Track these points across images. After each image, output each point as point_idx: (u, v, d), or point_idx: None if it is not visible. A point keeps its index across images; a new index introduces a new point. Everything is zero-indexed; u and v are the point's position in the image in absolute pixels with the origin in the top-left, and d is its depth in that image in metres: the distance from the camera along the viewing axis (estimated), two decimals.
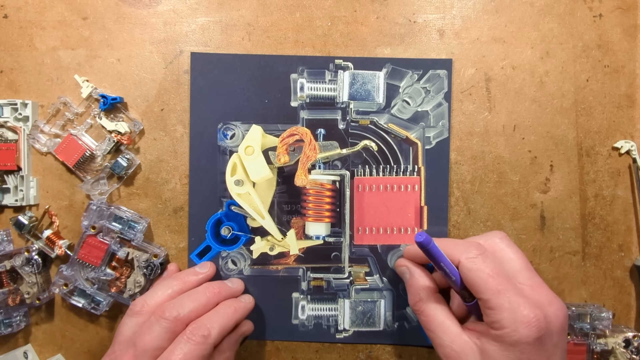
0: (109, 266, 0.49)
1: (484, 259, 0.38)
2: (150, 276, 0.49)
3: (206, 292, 0.45)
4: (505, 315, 0.36)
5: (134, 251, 0.49)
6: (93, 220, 0.49)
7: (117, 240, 0.49)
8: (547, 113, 0.51)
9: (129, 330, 0.43)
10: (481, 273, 0.38)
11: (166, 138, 0.51)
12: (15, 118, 0.50)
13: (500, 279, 0.37)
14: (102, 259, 0.48)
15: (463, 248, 0.40)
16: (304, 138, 0.49)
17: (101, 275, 0.49)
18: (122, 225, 0.49)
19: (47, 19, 0.51)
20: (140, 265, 0.48)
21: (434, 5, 0.51)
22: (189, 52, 0.51)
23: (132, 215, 0.49)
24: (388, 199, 0.50)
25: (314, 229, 0.49)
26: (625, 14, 0.51)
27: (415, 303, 0.43)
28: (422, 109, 0.50)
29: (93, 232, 0.48)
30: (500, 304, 0.36)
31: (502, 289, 0.37)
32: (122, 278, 0.49)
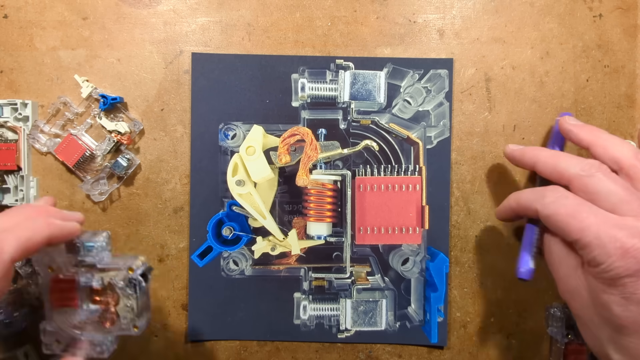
0: (90, 301, 0.41)
1: (560, 200, 0.37)
2: (138, 294, 0.40)
3: (28, 208, 0.39)
4: (597, 252, 0.34)
5: (107, 274, 0.40)
6: (46, 260, 0.40)
7: (83, 270, 0.40)
8: (547, 113, 0.51)
9: None
10: (559, 216, 0.36)
11: (166, 138, 0.51)
12: (15, 118, 0.50)
13: (583, 215, 0.35)
14: (78, 298, 0.40)
15: (539, 195, 0.38)
16: (305, 138, 0.49)
17: (86, 315, 0.40)
18: (79, 251, 0.40)
19: (47, 19, 0.51)
20: (122, 287, 0.40)
21: (434, 5, 0.51)
22: (189, 52, 0.51)
23: (85, 236, 0.40)
24: (389, 199, 0.50)
25: (316, 228, 0.49)
26: (625, 14, 0.51)
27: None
28: (423, 109, 0.51)
29: (52, 273, 0.40)
30: (589, 242, 0.34)
31: (586, 225, 0.35)
32: (111, 308, 0.40)
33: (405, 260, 0.51)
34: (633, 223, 0.34)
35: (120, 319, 0.40)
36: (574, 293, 0.38)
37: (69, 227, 0.38)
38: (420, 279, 0.51)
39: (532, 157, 0.42)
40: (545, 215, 0.37)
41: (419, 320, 0.51)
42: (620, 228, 0.34)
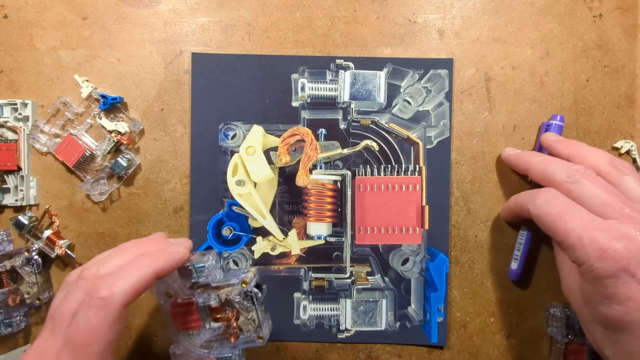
0: (212, 320, 0.42)
1: (550, 202, 0.39)
2: (256, 305, 0.41)
3: (134, 246, 0.39)
4: (579, 253, 0.36)
5: (223, 291, 0.41)
6: (162, 288, 0.41)
7: (199, 291, 0.41)
8: (547, 113, 0.51)
9: (56, 302, 0.37)
10: (548, 217, 0.38)
11: (166, 138, 0.51)
12: (15, 118, 0.50)
13: (569, 217, 0.37)
14: (199, 319, 0.41)
15: (532, 196, 0.41)
16: (305, 138, 0.49)
17: (210, 333, 0.42)
18: (191, 274, 0.41)
19: (47, 19, 0.51)
20: (239, 302, 0.41)
21: (434, 5, 0.51)
22: (189, 52, 0.51)
23: (195, 259, 0.41)
24: (389, 199, 0.50)
25: (316, 228, 0.49)
26: (625, 14, 0.51)
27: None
28: (423, 109, 0.51)
29: (170, 298, 0.41)
30: (572, 243, 0.36)
31: (571, 227, 0.36)
32: (232, 323, 0.42)
33: (405, 260, 0.51)
34: (615, 226, 0.36)
35: (243, 332, 0.41)
36: (571, 291, 0.40)
37: (174, 257, 0.38)
38: (420, 279, 0.51)
39: (525, 162, 0.45)
40: (536, 216, 0.40)
41: (419, 320, 0.51)
42: (602, 230, 0.35)
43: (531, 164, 0.44)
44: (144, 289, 0.36)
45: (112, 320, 0.33)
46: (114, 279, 0.34)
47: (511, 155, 0.48)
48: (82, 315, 0.33)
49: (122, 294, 0.34)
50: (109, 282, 0.34)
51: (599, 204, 0.38)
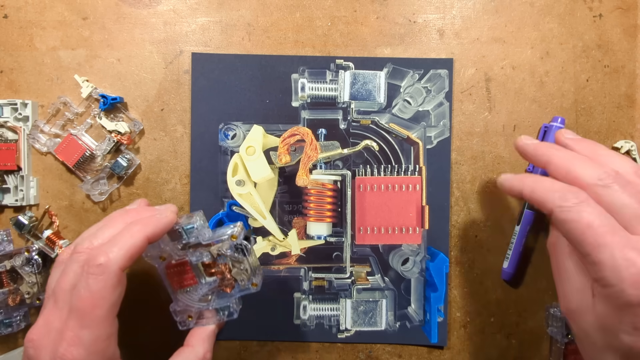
0: (206, 275, 0.44)
1: (582, 207, 0.33)
2: (247, 256, 0.43)
3: (124, 216, 0.41)
4: (609, 273, 0.31)
5: (214, 247, 0.43)
6: (155, 253, 0.43)
7: (191, 250, 0.43)
8: (547, 113, 0.51)
9: (53, 280, 0.39)
10: (576, 224, 0.33)
11: (166, 138, 0.51)
12: (15, 118, 0.50)
13: (603, 230, 0.32)
14: (195, 276, 0.43)
15: (558, 194, 0.34)
16: (305, 138, 0.49)
17: (207, 287, 0.44)
18: (181, 236, 0.43)
19: (47, 19, 0.51)
20: (231, 255, 0.42)
21: (434, 5, 0.51)
22: (189, 52, 0.51)
23: (183, 221, 0.43)
24: (389, 199, 0.50)
25: (316, 228, 0.49)
26: (625, 14, 0.51)
27: (550, 242, 0.38)
28: (423, 109, 0.51)
29: (164, 261, 0.43)
30: (602, 260, 0.32)
31: (603, 242, 0.32)
32: (227, 275, 0.43)
33: (405, 260, 0.51)
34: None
35: (238, 282, 0.44)
36: (578, 313, 0.35)
37: (163, 222, 0.40)
38: (420, 279, 0.51)
39: (545, 154, 0.39)
40: (561, 220, 0.34)
41: (419, 320, 0.51)
42: (639, 252, 0.31)
43: (554, 158, 0.38)
44: (138, 254, 0.37)
45: (112, 284, 0.35)
46: (109, 246, 0.36)
47: (529, 145, 0.41)
48: (83, 284, 0.35)
49: (118, 259, 0.36)
50: (105, 250, 0.36)
51: (631, 215, 0.33)
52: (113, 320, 0.36)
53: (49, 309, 0.37)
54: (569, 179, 0.36)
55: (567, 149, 0.39)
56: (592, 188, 0.35)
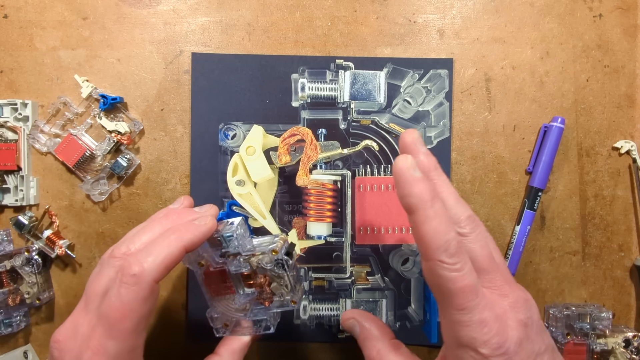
0: (245, 285, 0.42)
1: (463, 264, 0.31)
2: (287, 272, 0.40)
3: (162, 220, 0.39)
4: (465, 333, 0.31)
5: (254, 258, 0.41)
6: (193, 258, 0.41)
7: (230, 259, 0.41)
8: (547, 113, 0.51)
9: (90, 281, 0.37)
10: (457, 283, 0.31)
11: (166, 138, 0.51)
12: (15, 118, 0.50)
13: (477, 289, 0.31)
14: (233, 286, 0.42)
15: (441, 243, 0.31)
16: (305, 138, 0.49)
17: (244, 299, 0.42)
18: (221, 243, 0.41)
19: (47, 19, 0.51)
20: (271, 269, 0.40)
21: (434, 5, 0.51)
22: (189, 52, 0.51)
23: (223, 228, 0.41)
24: (389, 199, 0.50)
25: (316, 229, 0.49)
26: (625, 14, 0.51)
27: (373, 358, 0.38)
28: (423, 109, 0.51)
29: (202, 267, 0.41)
30: (484, 319, 0.31)
31: (471, 307, 0.31)
32: (265, 288, 0.41)
33: (405, 260, 0.51)
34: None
35: (276, 296, 0.41)
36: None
37: (202, 230, 0.38)
38: (420, 279, 0.51)
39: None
40: (438, 275, 0.31)
41: (419, 320, 0.51)
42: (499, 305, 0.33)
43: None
44: (174, 264, 0.36)
45: (144, 296, 0.34)
46: (144, 255, 0.34)
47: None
48: (115, 292, 0.33)
49: (152, 270, 0.34)
50: (140, 259, 0.34)
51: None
52: (141, 332, 0.35)
53: (79, 311, 0.36)
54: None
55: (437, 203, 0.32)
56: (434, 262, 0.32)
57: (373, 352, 0.37)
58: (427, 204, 0.30)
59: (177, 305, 0.51)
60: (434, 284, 0.32)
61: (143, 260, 0.34)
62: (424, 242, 0.31)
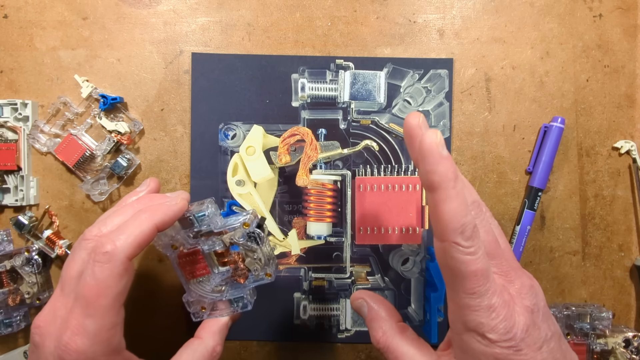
0: (219, 264, 0.42)
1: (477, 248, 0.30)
2: (260, 245, 0.40)
3: (134, 204, 0.40)
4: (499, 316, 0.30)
5: (226, 235, 0.41)
6: (166, 241, 0.41)
7: (203, 239, 0.41)
8: (547, 113, 0.51)
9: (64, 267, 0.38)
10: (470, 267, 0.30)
11: (166, 138, 0.51)
12: (15, 118, 0.50)
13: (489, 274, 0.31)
14: (207, 266, 0.42)
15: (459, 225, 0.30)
16: (305, 138, 0.49)
17: (220, 277, 0.42)
18: (193, 223, 0.41)
19: (47, 19, 0.51)
20: (244, 244, 0.40)
21: (434, 5, 0.51)
22: (189, 52, 0.51)
23: (194, 209, 0.41)
24: (389, 199, 0.50)
25: (316, 228, 0.49)
26: (625, 14, 0.51)
27: (377, 341, 0.37)
28: (423, 109, 0.51)
29: (176, 250, 0.41)
30: (493, 304, 0.30)
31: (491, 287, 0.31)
32: (240, 264, 0.42)
33: (405, 260, 0.51)
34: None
35: (251, 272, 0.42)
36: None
37: (173, 209, 0.39)
38: (420, 279, 0.51)
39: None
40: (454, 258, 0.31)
41: (419, 320, 0.51)
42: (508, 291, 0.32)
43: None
44: (147, 242, 0.36)
45: (118, 273, 0.34)
46: (116, 234, 0.35)
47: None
48: (89, 272, 0.34)
49: (125, 247, 0.34)
50: (112, 238, 0.35)
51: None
52: (119, 309, 0.35)
53: (56, 296, 0.36)
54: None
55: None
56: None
57: (379, 332, 0.37)
58: (451, 183, 0.30)
59: (177, 305, 0.51)
60: (446, 265, 0.31)
61: (115, 239, 0.35)
62: (442, 222, 0.30)
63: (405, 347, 0.35)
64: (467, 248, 0.30)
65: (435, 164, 0.30)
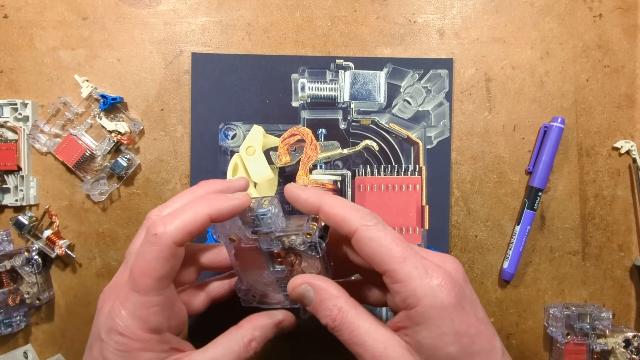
0: (275, 262, 0.41)
1: (383, 226, 0.35)
2: (320, 254, 0.39)
3: (196, 189, 0.41)
4: (418, 283, 0.32)
5: (286, 238, 0.40)
6: (225, 232, 0.40)
7: (262, 237, 0.40)
8: (547, 113, 0.51)
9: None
10: (383, 241, 0.34)
11: (166, 138, 0.51)
12: (15, 118, 0.50)
13: (404, 244, 0.34)
14: (263, 262, 0.41)
15: (361, 214, 0.35)
16: (305, 138, 0.49)
17: (274, 276, 0.41)
18: (253, 221, 0.40)
19: (47, 19, 0.51)
20: (304, 250, 0.39)
21: (434, 5, 0.51)
22: (189, 52, 0.51)
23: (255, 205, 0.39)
24: (389, 199, 0.50)
25: None
26: (625, 14, 0.51)
27: (333, 319, 0.36)
28: (423, 109, 0.51)
29: (234, 243, 0.41)
30: (409, 272, 0.32)
31: (407, 255, 0.33)
32: (296, 267, 0.40)
33: None
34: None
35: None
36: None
37: (232, 203, 0.38)
38: None
39: (317, 201, 0.38)
40: (367, 237, 0.34)
41: None
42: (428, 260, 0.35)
43: (324, 204, 0.37)
44: (197, 230, 0.36)
45: (164, 257, 0.34)
46: (170, 218, 0.35)
47: (300, 194, 0.39)
48: (140, 250, 0.35)
49: (173, 233, 0.35)
50: (165, 221, 0.35)
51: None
52: (162, 291, 0.35)
53: (121, 268, 0.38)
54: (338, 220, 0.36)
55: (335, 195, 0.38)
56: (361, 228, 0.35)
57: (334, 310, 0.36)
58: (325, 195, 0.37)
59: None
60: (365, 254, 0.35)
61: (167, 223, 0.35)
62: (341, 223, 0.35)
63: (361, 321, 0.35)
64: (375, 225, 0.35)
65: (302, 192, 0.38)
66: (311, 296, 0.38)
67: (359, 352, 0.35)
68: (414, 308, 0.32)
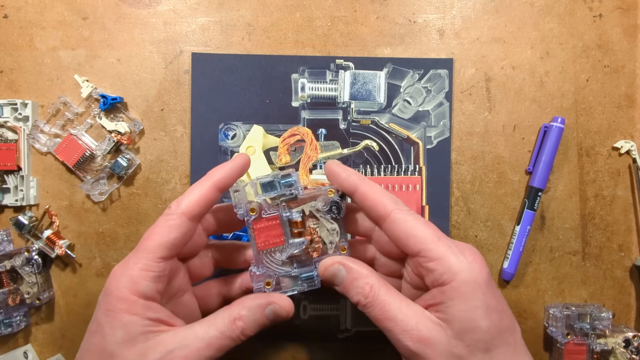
0: (292, 235, 0.40)
1: (414, 212, 0.38)
2: (341, 214, 0.40)
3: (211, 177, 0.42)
4: (454, 260, 0.34)
5: (307, 205, 0.40)
6: (244, 203, 0.40)
7: (283, 205, 0.40)
8: (547, 113, 0.51)
9: None
10: (417, 222, 0.36)
11: (166, 138, 0.51)
12: (15, 118, 0.50)
13: (435, 227, 0.37)
14: (283, 234, 0.40)
15: (393, 199, 0.38)
16: (305, 138, 0.49)
17: (294, 249, 0.40)
18: (275, 188, 0.40)
19: (47, 19, 0.51)
20: (323, 213, 0.40)
21: (434, 5, 0.51)
22: (189, 52, 0.51)
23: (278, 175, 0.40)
24: None
25: None
26: (625, 14, 0.51)
27: (366, 295, 0.37)
28: (423, 109, 0.51)
29: (254, 214, 0.40)
30: (445, 251, 0.35)
31: (440, 235, 0.36)
32: (315, 237, 0.40)
33: None
34: None
35: (327, 246, 0.41)
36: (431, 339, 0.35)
37: (229, 166, 0.40)
38: None
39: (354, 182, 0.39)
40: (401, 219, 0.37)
41: None
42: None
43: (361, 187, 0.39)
44: (208, 202, 0.39)
45: (170, 225, 0.37)
46: (181, 197, 0.38)
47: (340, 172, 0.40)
48: (155, 223, 0.38)
49: (184, 205, 0.38)
50: (178, 200, 0.38)
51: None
52: (161, 259, 0.36)
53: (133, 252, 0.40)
54: (375, 202, 0.38)
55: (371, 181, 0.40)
56: (395, 211, 0.38)
57: (366, 288, 0.37)
58: (363, 178, 0.39)
59: None
60: (398, 235, 0.37)
61: (180, 201, 0.38)
62: (377, 205, 0.38)
63: (392, 298, 0.36)
64: (407, 210, 0.37)
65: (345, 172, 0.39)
66: (343, 275, 0.39)
67: (389, 327, 0.35)
68: (449, 283, 0.34)
